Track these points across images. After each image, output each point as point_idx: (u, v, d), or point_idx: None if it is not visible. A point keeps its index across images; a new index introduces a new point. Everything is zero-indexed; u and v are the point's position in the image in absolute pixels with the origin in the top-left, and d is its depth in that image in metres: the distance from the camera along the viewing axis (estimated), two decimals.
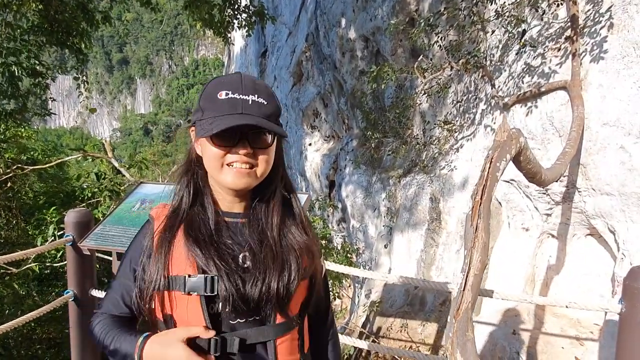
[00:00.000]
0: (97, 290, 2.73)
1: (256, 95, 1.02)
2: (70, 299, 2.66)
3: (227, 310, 1.03)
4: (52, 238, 4.71)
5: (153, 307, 1.06)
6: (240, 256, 1.06)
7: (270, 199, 1.13)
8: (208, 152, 1.03)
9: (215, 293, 1.01)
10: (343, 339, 2.39)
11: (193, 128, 1.07)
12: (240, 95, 1.00)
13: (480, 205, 1.53)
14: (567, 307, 1.66)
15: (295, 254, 1.10)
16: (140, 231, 1.16)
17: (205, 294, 1.01)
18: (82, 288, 2.68)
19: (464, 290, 1.46)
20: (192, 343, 1.01)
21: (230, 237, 1.08)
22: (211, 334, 1.01)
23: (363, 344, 2.46)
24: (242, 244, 1.08)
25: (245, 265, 1.05)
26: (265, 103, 1.03)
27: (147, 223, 1.15)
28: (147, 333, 1.04)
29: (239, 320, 1.05)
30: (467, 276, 1.46)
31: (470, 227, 1.53)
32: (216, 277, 1.01)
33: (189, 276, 1.02)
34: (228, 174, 1.03)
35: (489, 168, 1.58)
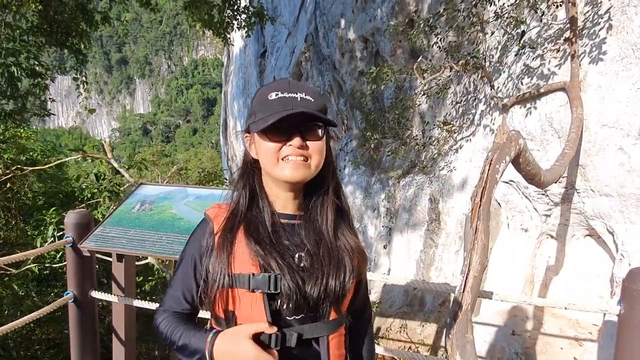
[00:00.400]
0: (96, 291, 2.73)
1: (304, 93, 1.09)
2: (70, 300, 2.66)
3: (287, 307, 1.09)
4: (52, 239, 4.70)
5: (215, 303, 1.13)
6: (296, 256, 1.12)
7: (325, 198, 1.18)
8: (264, 148, 1.09)
9: (278, 291, 1.07)
10: None
11: (247, 134, 1.17)
12: (290, 94, 1.08)
13: (479, 207, 1.53)
14: (566, 308, 1.67)
15: (349, 253, 1.17)
16: (197, 230, 1.21)
17: (269, 291, 1.07)
18: (82, 289, 2.69)
19: (463, 291, 1.47)
20: (255, 338, 1.06)
21: (287, 238, 1.14)
22: (274, 329, 1.07)
23: None
24: (299, 244, 1.14)
25: (302, 265, 1.11)
26: (313, 100, 1.10)
27: (204, 223, 1.20)
28: (215, 330, 1.11)
29: (295, 316, 1.11)
30: (466, 278, 1.46)
31: (470, 228, 1.53)
32: (279, 276, 1.07)
33: (253, 275, 1.07)
34: (284, 167, 1.08)
35: (489, 170, 1.59)
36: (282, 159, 1.08)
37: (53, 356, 5.87)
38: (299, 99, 1.08)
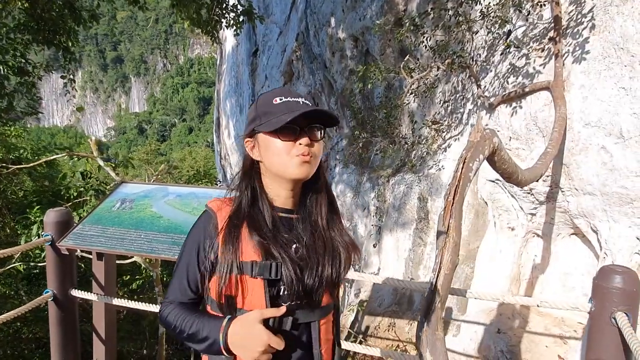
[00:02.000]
0: (77, 290, 2.71)
1: (304, 99, 1.22)
2: (50, 299, 2.64)
3: (286, 293, 1.20)
4: (36, 237, 4.67)
5: (216, 289, 1.20)
6: (294, 247, 1.23)
7: (319, 194, 1.30)
8: (274, 147, 1.18)
9: (279, 277, 1.17)
10: None
11: (249, 139, 1.26)
12: (293, 99, 1.21)
13: (452, 205, 1.53)
14: (538, 306, 1.67)
15: (343, 244, 1.29)
16: (199, 222, 1.28)
17: (270, 277, 1.17)
18: (61, 288, 2.67)
19: (434, 289, 1.47)
20: (264, 323, 1.14)
21: (286, 232, 1.24)
22: (282, 310, 1.15)
23: (347, 346, 2.46)
24: (296, 236, 1.25)
25: (299, 255, 1.22)
26: (310, 105, 1.22)
27: (207, 215, 1.28)
28: (229, 316, 1.17)
29: (290, 302, 1.20)
30: (437, 276, 1.46)
31: (442, 226, 1.53)
32: (280, 264, 1.17)
33: (256, 262, 1.17)
34: (294, 164, 1.18)
35: (462, 169, 1.59)
36: (295, 157, 1.18)
37: (42, 355, 5.85)
38: (301, 103, 1.20)
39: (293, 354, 1.22)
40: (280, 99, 1.20)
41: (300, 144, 1.17)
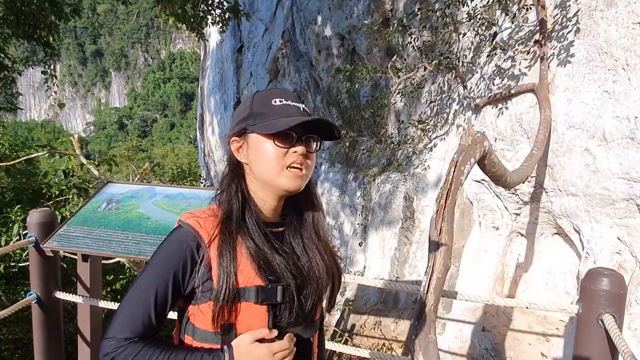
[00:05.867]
0: (61, 292, 2.66)
1: (304, 105, 1.14)
2: (33, 301, 2.59)
3: (287, 314, 1.10)
4: (17, 237, 4.56)
5: (206, 317, 1.06)
6: (291, 264, 1.12)
7: (309, 203, 1.22)
8: (266, 152, 1.08)
9: (286, 301, 1.09)
10: None
11: (236, 138, 1.14)
12: (293, 103, 1.11)
13: (444, 209, 1.55)
14: (527, 307, 1.70)
15: (333, 257, 1.23)
16: (174, 239, 1.09)
17: (275, 302, 1.08)
18: (45, 290, 2.61)
19: (427, 292, 1.48)
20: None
21: (280, 246, 1.14)
22: (275, 333, 1.08)
23: (329, 345, 2.46)
24: (290, 252, 1.16)
25: (298, 269, 1.13)
26: (309, 112, 1.14)
27: (185, 232, 1.09)
28: (227, 347, 1.05)
29: (290, 320, 1.12)
30: (430, 279, 1.48)
31: (435, 230, 1.55)
32: (286, 287, 1.08)
33: (262, 287, 1.06)
34: (285, 176, 1.09)
35: (454, 172, 1.60)
36: (287, 168, 1.08)
37: (21, 357, 5.73)
38: (301, 109, 1.11)
39: None
40: (280, 101, 1.10)
41: (295, 151, 1.08)
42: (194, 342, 1.09)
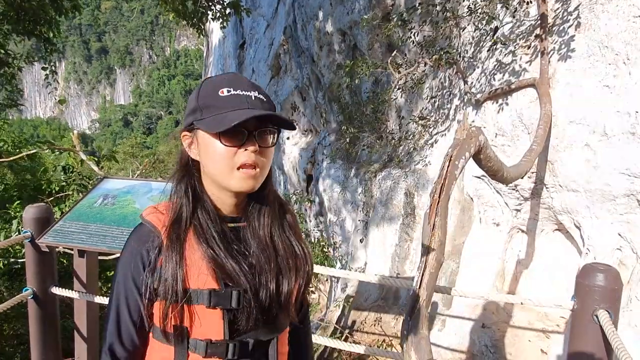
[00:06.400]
0: (57, 287, 2.66)
1: (257, 92, 1.01)
2: (30, 297, 2.59)
3: (244, 319, 1.04)
4: (17, 233, 4.58)
5: (161, 318, 1.02)
6: (246, 264, 1.05)
7: (267, 200, 1.11)
8: (215, 153, 0.98)
9: (240, 306, 1.02)
10: (315, 339, 2.38)
11: (187, 133, 1.06)
12: (243, 92, 0.99)
13: (438, 203, 1.53)
14: (522, 304, 1.68)
15: (295, 255, 1.12)
16: (132, 238, 1.07)
17: (231, 307, 1.01)
18: (41, 285, 2.62)
19: (419, 288, 1.47)
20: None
21: (237, 245, 1.06)
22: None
23: (329, 342, 2.46)
24: (246, 250, 1.07)
25: (252, 272, 1.05)
26: (265, 100, 1.02)
27: (144, 230, 1.06)
28: None
29: (250, 324, 1.05)
30: (422, 274, 1.46)
31: (428, 225, 1.53)
32: (241, 291, 1.01)
33: (215, 290, 1.00)
34: (236, 177, 0.99)
35: (448, 166, 1.58)
36: (238, 169, 0.98)
37: (24, 352, 5.77)
38: (253, 98, 0.99)
39: None
40: (229, 91, 0.97)
41: (246, 150, 0.97)
42: (152, 340, 1.07)
